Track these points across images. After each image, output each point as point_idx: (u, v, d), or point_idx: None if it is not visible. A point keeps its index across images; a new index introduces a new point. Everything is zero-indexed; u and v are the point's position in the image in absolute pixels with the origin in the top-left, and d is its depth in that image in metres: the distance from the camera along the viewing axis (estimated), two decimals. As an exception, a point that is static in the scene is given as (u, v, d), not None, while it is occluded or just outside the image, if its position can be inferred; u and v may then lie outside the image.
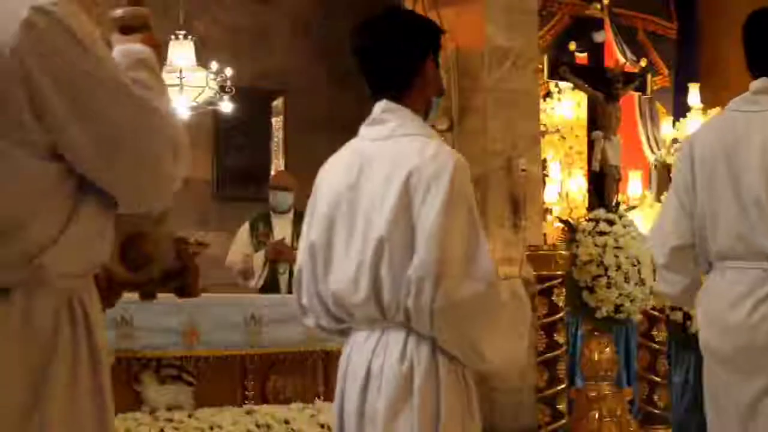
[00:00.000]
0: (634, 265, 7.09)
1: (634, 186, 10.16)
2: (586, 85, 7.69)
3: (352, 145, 3.46)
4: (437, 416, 3.19)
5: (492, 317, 3.22)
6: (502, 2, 8.54)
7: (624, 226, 7.24)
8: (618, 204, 7.65)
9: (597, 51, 9.98)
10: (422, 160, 3.19)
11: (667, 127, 11.20)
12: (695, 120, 10.81)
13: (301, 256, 3.46)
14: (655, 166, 11.09)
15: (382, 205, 3.19)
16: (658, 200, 10.20)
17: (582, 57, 9.48)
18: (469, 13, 8.36)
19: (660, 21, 11.40)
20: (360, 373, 3.29)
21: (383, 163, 3.27)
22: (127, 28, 2.48)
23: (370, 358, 3.25)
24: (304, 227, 3.47)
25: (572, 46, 9.47)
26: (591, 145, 8.32)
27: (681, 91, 11.35)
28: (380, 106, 3.35)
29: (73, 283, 2.23)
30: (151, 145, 2.17)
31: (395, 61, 3.35)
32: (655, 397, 8.23)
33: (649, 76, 10.26)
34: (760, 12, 4.13)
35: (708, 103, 10.99)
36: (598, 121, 7.89)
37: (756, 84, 4.10)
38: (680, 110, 11.29)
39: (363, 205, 3.26)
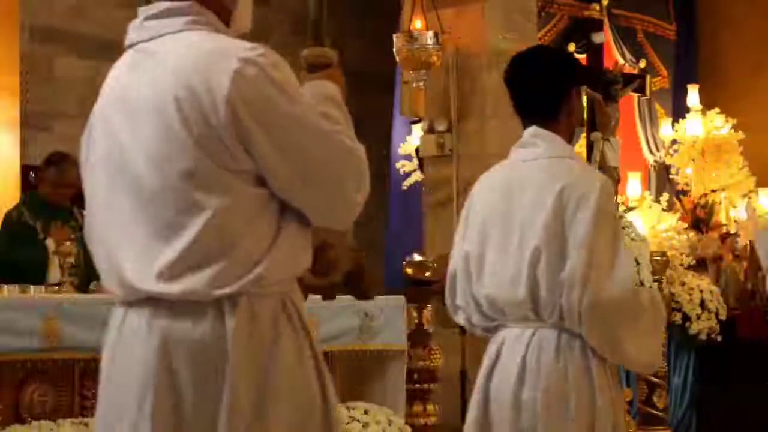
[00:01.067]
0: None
1: (633, 187, 10.10)
2: (585, 87, 7.66)
3: (505, 165, 3.85)
4: (593, 413, 3.56)
5: (634, 318, 3.61)
6: (502, 3, 8.50)
7: (623, 228, 7.20)
8: (617, 205, 7.62)
9: (596, 52, 9.96)
10: (572, 179, 3.60)
11: (666, 128, 11.15)
12: (694, 121, 10.77)
13: (456, 262, 3.87)
14: (654, 167, 11.06)
15: (536, 217, 3.59)
16: (657, 201, 10.17)
17: (581, 58, 9.44)
18: (468, 14, 8.33)
19: (659, 22, 11.35)
20: (513, 367, 3.64)
21: (534, 182, 3.65)
22: (314, 66, 2.93)
23: (524, 354, 3.62)
24: (457, 237, 3.90)
25: (571, 47, 9.44)
26: (590, 146, 8.30)
27: (680, 92, 11.31)
28: (530, 132, 3.68)
29: (285, 287, 2.57)
30: (339, 175, 2.52)
31: (545, 91, 3.66)
32: (654, 398, 8.22)
33: (648, 77, 10.24)
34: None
35: (707, 104, 10.95)
36: (597, 122, 7.87)
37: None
38: (679, 111, 11.25)
39: (518, 218, 3.64)
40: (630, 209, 9.30)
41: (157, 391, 2.43)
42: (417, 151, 9.27)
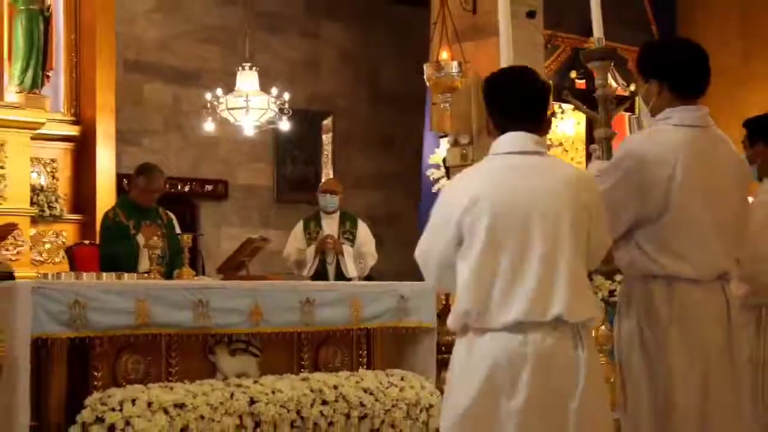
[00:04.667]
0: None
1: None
2: (585, 107, 7.61)
3: (706, 135, 3.29)
4: None
5: None
6: (514, 36, 8.44)
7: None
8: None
9: (594, 78, 9.91)
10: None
11: (653, 141, 11.07)
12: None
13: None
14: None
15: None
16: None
17: (581, 83, 9.43)
18: (485, 46, 8.33)
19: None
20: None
21: (725, 150, 3.31)
22: None
23: None
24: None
25: (573, 74, 9.42)
26: (589, 156, 8.25)
27: (664, 111, 11.21)
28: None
29: None
30: None
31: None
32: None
33: (637, 99, 10.18)
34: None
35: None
36: (594, 136, 7.82)
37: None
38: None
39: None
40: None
41: None
42: (444, 160, 9.29)
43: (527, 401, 2.78)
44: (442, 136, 9.36)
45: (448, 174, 9.09)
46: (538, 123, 3.07)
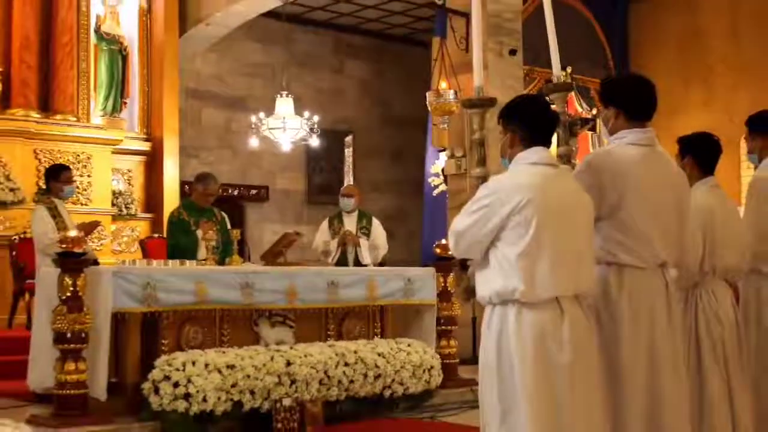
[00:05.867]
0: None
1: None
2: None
3: (652, 152, 3.23)
4: None
5: None
6: (499, 72, 8.48)
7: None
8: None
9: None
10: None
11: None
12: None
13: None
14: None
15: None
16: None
17: (554, 107, 9.35)
18: (472, 78, 8.29)
19: (606, 83, 11.25)
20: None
21: (667, 163, 3.25)
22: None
23: None
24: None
25: (547, 99, 9.37)
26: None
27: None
28: (650, 131, 3.20)
29: None
30: None
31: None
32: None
33: (598, 121, 10.15)
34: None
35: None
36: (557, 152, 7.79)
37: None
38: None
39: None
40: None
41: None
42: (442, 170, 9.27)
43: (572, 355, 2.83)
44: (441, 151, 9.33)
45: (446, 181, 9.07)
46: (551, 140, 3.09)
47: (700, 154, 3.74)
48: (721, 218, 3.63)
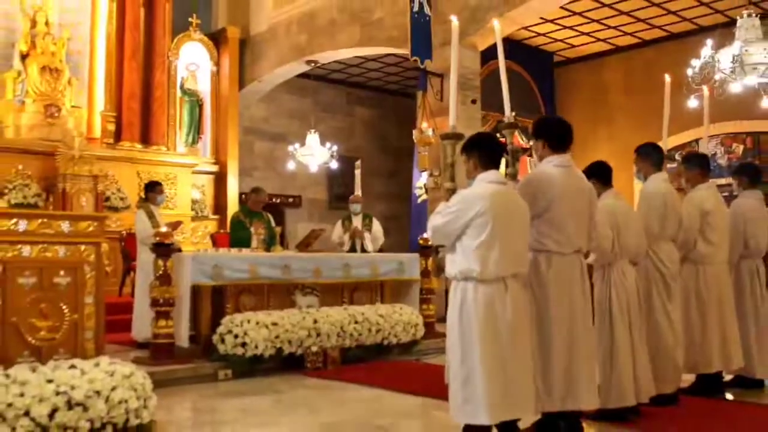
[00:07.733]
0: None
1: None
2: (505, 154, 7.53)
3: (569, 171, 3.17)
4: None
5: None
6: (463, 114, 8.48)
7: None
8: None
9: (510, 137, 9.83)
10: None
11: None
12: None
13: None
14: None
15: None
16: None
17: (503, 140, 9.31)
18: (446, 120, 8.26)
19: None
20: None
21: (580, 179, 3.20)
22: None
23: None
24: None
25: (498, 135, 9.33)
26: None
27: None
28: (568, 156, 3.18)
29: None
30: None
31: None
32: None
33: (533, 149, 10.11)
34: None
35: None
36: (509, 172, 7.75)
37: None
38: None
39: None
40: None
41: None
42: (425, 185, 9.25)
43: (513, 315, 2.83)
44: (423, 171, 9.33)
45: (427, 192, 9.05)
46: (500, 164, 3.09)
47: (600, 175, 3.76)
48: (623, 216, 3.64)
